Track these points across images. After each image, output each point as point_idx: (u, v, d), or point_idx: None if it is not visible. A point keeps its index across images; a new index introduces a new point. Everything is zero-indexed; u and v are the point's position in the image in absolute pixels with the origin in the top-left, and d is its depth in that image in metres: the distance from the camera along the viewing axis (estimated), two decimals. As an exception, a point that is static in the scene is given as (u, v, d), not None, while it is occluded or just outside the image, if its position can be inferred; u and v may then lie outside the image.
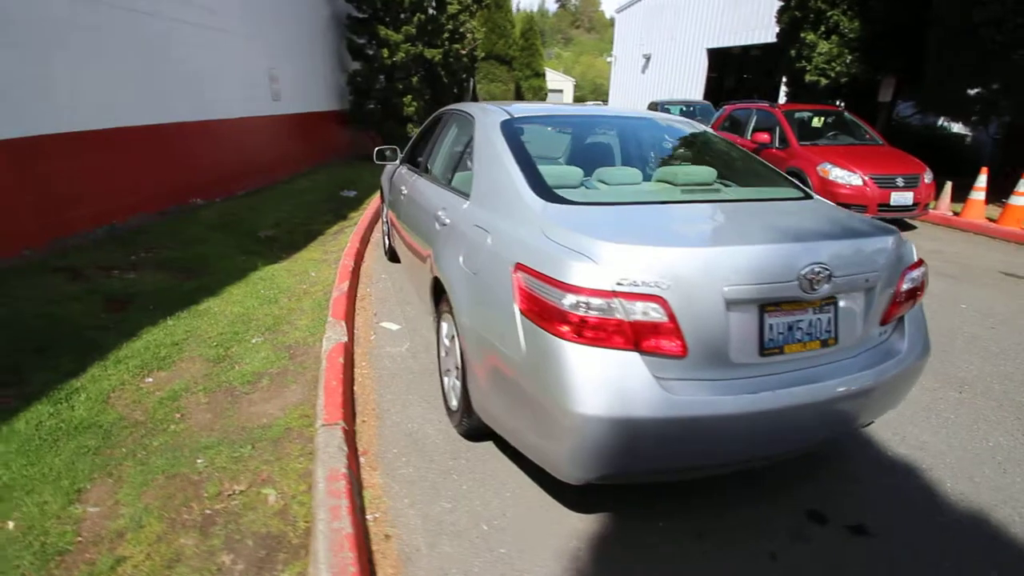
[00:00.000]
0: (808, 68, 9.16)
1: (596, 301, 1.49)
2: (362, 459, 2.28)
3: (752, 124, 8.27)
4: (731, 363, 1.59)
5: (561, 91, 51.68)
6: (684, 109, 12.74)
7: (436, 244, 2.48)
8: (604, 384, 1.49)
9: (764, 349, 1.62)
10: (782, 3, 10.10)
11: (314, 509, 1.89)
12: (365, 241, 5.60)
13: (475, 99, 32.87)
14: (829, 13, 8.81)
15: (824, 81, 9.00)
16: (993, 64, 6.46)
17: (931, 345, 2.03)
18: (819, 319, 1.69)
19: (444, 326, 2.55)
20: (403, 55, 10.35)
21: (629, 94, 26.14)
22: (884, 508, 2.08)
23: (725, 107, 9.23)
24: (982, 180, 6.66)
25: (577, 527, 1.95)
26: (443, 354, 2.64)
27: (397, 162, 4.24)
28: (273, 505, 1.96)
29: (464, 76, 18.76)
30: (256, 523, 1.88)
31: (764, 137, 7.57)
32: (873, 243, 1.75)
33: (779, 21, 10.22)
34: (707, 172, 2.40)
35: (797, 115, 7.81)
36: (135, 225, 5.51)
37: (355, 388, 2.86)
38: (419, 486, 2.13)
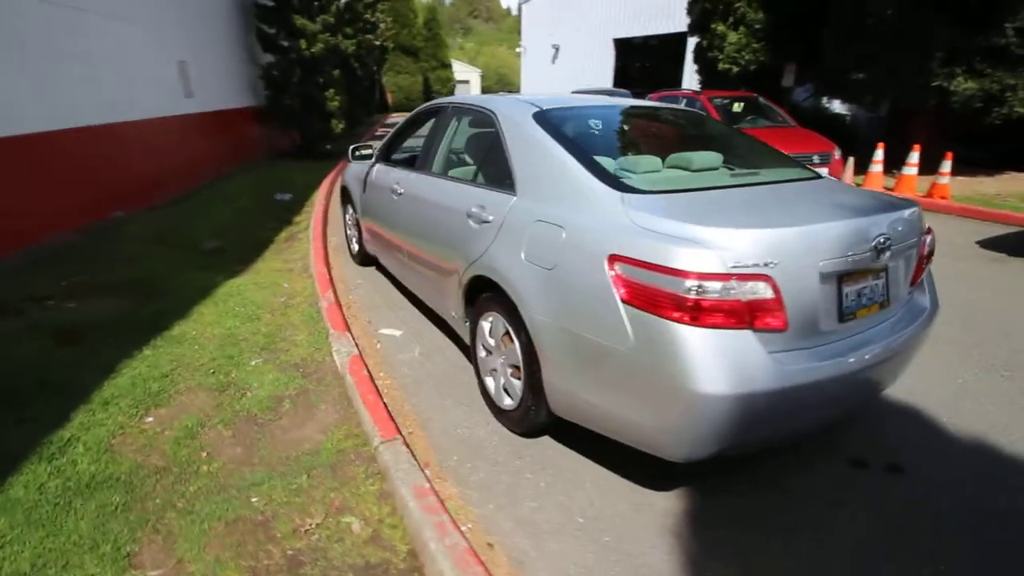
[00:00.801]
0: (721, 57, 9.86)
1: (713, 285, 1.54)
2: (426, 471, 2.18)
3: (679, 110, 8.78)
4: (820, 331, 1.72)
5: (468, 82, 51.28)
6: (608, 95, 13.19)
7: (475, 243, 2.41)
8: (725, 363, 1.56)
9: (843, 316, 1.77)
10: (691, -5, 10.75)
11: (413, 530, 1.79)
12: (326, 246, 5.28)
13: (382, 92, 31.60)
14: (736, 5, 9.52)
15: (736, 69, 9.74)
16: (882, 52, 7.36)
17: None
18: (877, 284, 1.87)
19: (485, 326, 2.49)
20: (322, 46, 9.74)
21: (540, 84, 26.60)
22: (905, 446, 2.35)
23: (652, 96, 9.70)
24: (879, 154, 7.60)
25: (664, 505, 2.02)
26: (482, 354, 2.59)
27: (372, 161, 4.02)
28: (360, 533, 1.83)
29: (375, 68, 18.15)
30: (350, 555, 1.75)
31: (693, 122, 8.06)
32: (908, 213, 1.97)
33: (690, 13, 10.88)
34: (715, 157, 2.53)
35: (719, 101, 8.41)
36: (55, 246, 4.76)
37: (384, 400, 2.72)
38: (497, 490, 2.09)
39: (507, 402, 2.42)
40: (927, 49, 7.02)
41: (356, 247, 4.77)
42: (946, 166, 6.80)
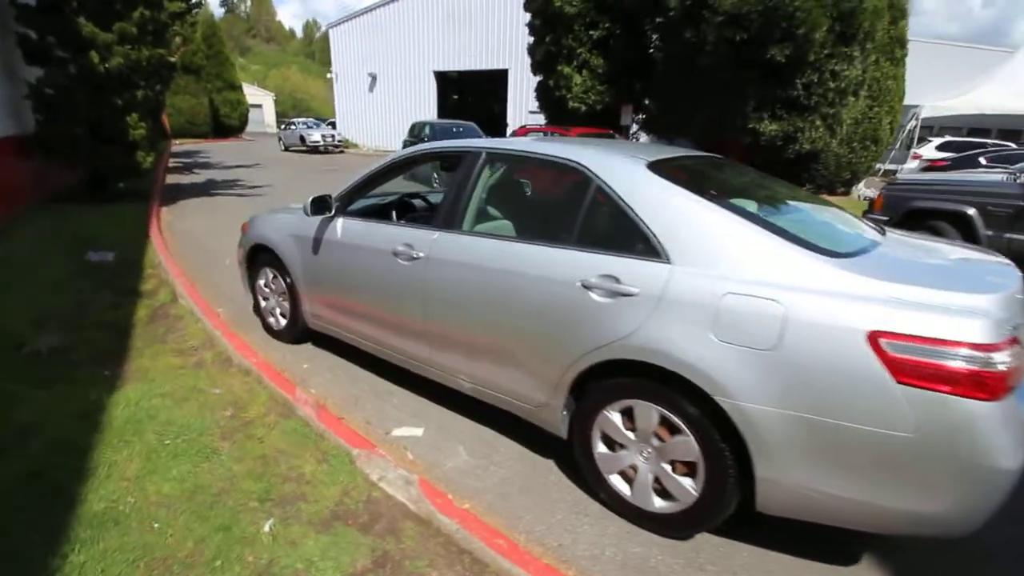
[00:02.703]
0: (570, 96, 10.64)
1: (1001, 355, 1.49)
2: (629, 628, 1.70)
3: (550, 145, 9.18)
4: None
5: (260, 106, 46.56)
6: (455, 130, 13.16)
7: (606, 320, 1.99)
8: (1014, 432, 1.52)
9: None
10: (533, 38, 11.41)
11: None
12: (225, 322, 4.04)
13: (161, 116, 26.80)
14: (579, 50, 10.40)
15: (584, 108, 10.60)
16: (711, 99, 8.76)
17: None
18: None
19: (614, 417, 2.09)
20: (120, 61, 7.64)
21: (358, 113, 25.46)
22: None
23: (516, 131, 9.96)
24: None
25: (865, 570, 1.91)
26: (601, 450, 2.18)
27: (328, 214, 3.17)
28: None
29: (159, 88, 15.38)
30: None
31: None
32: None
33: (532, 54, 11.53)
34: (753, 203, 2.58)
35: (584, 136, 9.03)
36: None
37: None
38: (720, 624, 1.72)
39: (660, 504, 2.05)
40: (744, 98, 8.58)
41: (282, 321, 3.75)
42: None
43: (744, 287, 1.78)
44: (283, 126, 25.66)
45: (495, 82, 21.01)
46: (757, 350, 1.72)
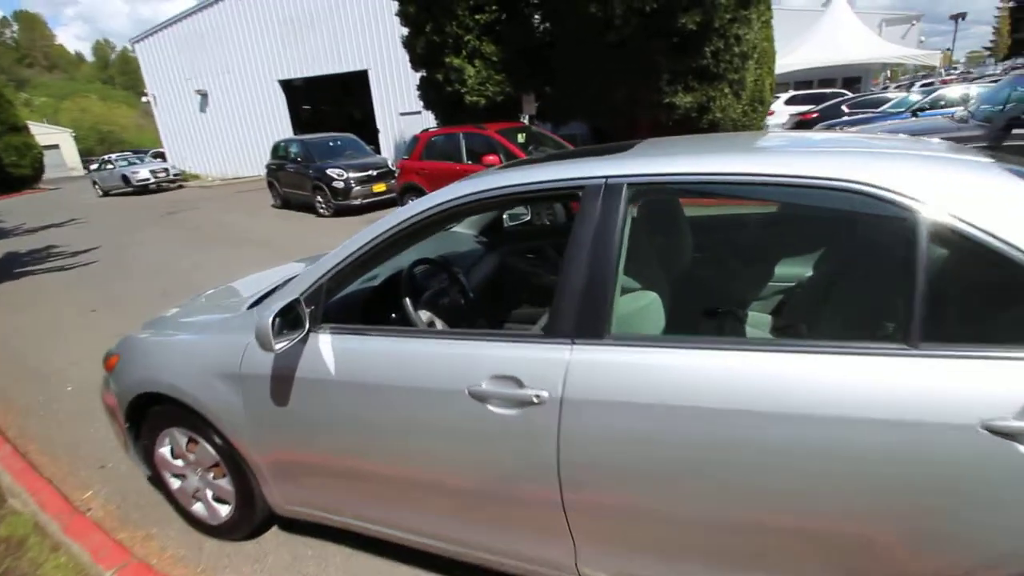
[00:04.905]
0: (464, 90, 9.47)
1: None
2: None
3: (464, 148, 7.96)
4: None
5: (57, 146, 38.32)
6: (331, 144, 11.23)
7: None
8: None
9: None
10: (409, 29, 9.99)
11: None
12: (108, 529, 2.34)
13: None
14: (466, 38, 9.24)
15: (483, 101, 9.50)
16: (613, 75, 8.27)
17: None
18: None
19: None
20: None
21: (191, 138, 21.58)
22: None
23: (419, 135, 8.55)
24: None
25: None
26: None
27: (297, 333, 1.73)
28: None
29: None
30: None
31: (494, 159, 7.37)
32: None
33: (412, 47, 10.12)
34: None
35: (505, 133, 7.97)
36: None
37: None
38: None
39: None
40: (657, 72, 8.12)
41: (222, 509, 2.24)
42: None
43: None
44: (96, 166, 20.95)
45: (352, 86, 18.91)
46: None
